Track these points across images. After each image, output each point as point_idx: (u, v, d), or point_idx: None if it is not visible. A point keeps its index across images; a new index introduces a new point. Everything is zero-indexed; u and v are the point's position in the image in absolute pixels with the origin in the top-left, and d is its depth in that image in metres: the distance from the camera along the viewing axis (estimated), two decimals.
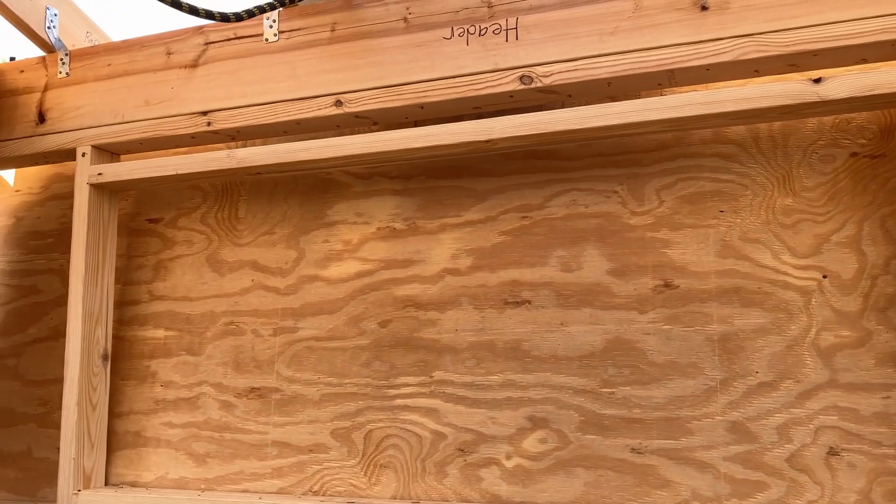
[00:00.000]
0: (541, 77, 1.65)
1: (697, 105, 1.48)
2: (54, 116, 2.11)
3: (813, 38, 1.44)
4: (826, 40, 1.43)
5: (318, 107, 1.83)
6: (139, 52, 2.04)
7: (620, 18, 1.60)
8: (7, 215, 2.34)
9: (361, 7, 1.85)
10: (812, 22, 1.44)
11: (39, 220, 2.32)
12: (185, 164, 1.91)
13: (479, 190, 1.85)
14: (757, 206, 1.62)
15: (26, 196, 2.35)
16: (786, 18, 1.46)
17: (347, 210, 1.96)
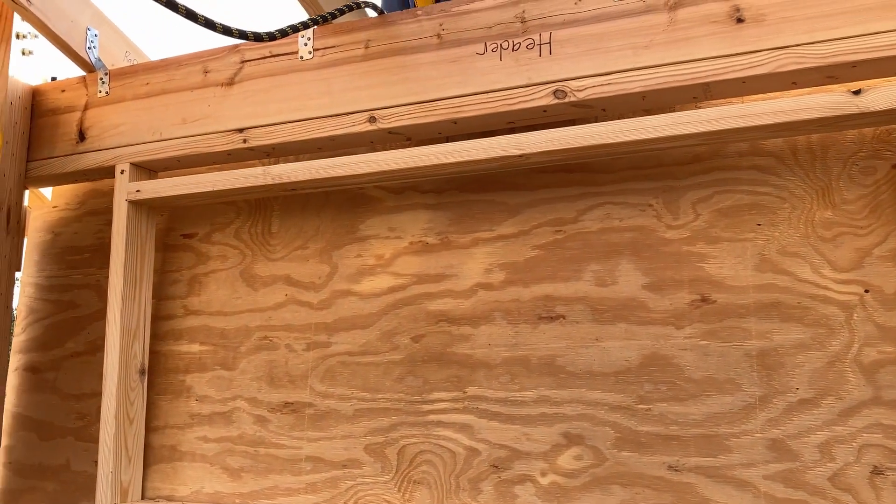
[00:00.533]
0: (574, 91, 1.65)
1: (734, 118, 1.46)
2: (94, 134, 2.15)
3: (852, 50, 1.42)
4: (865, 51, 1.41)
5: (353, 123, 1.85)
6: (176, 70, 2.08)
7: (655, 32, 1.60)
8: (45, 231, 2.38)
9: (395, 24, 1.86)
10: (851, 33, 1.42)
11: (76, 236, 2.35)
12: (221, 180, 1.93)
13: (512, 204, 1.84)
14: (796, 220, 1.60)
15: (63, 212, 2.39)
16: (824, 30, 1.45)
17: (380, 225, 1.97)
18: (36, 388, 2.30)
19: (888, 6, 1.42)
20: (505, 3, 1.76)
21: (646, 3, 1.62)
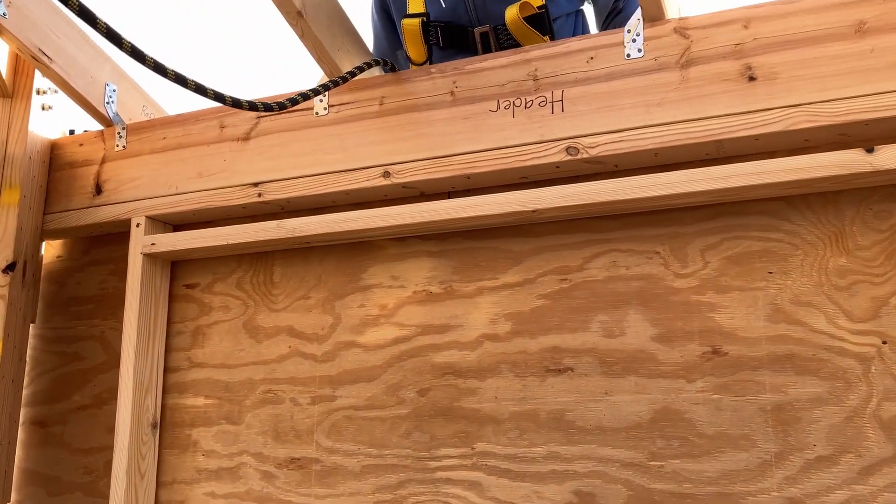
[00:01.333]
0: (587, 148, 1.67)
1: (748, 175, 1.48)
2: (111, 188, 2.18)
3: (864, 109, 1.44)
4: (877, 110, 1.43)
5: (367, 178, 1.87)
6: (193, 125, 2.11)
7: (667, 90, 1.62)
8: (49, 281, 2.38)
9: (409, 81, 1.90)
10: (862, 92, 1.45)
11: (80, 287, 2.35)
12: (236, 234, 1.95)
13: (516, 251, 1.83)
14: (808, 267, 1.57)
15: (67, 262, 2.39)
16: (836, 89, 1.47)
17: (383, 273, 1.95)
18: (43, 442, 2.28)
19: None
20: (517, 61, 1.80)
21: (657, 62, 1.65)
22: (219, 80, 5.40)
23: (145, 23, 5.10)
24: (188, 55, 5.70)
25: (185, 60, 5.35)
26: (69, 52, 2.12)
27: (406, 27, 2.11)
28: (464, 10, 2.13)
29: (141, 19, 5.08)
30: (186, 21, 5.14)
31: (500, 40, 2.09)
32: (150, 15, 5.15)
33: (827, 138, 1.52)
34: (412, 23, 2.09)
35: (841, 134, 1.50)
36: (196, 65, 6.19)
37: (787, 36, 1.54)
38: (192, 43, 5.29)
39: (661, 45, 1.65)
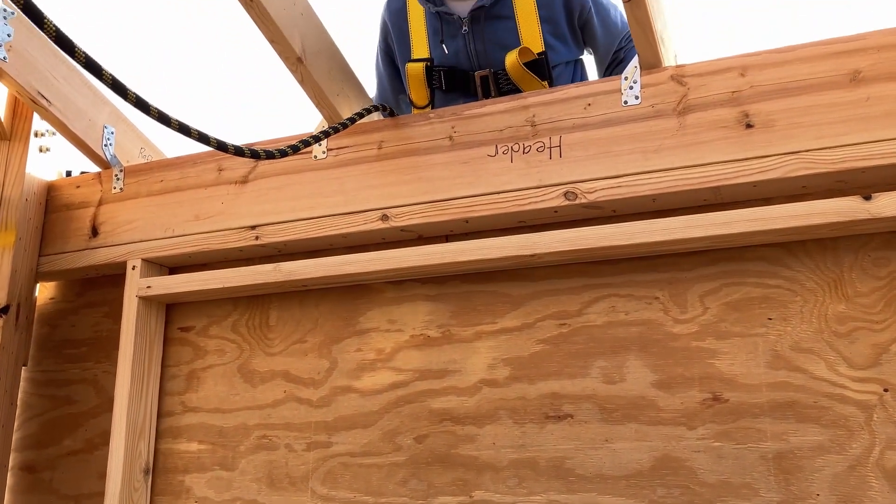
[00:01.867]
0: (585, 193, 1.67)
1: (746, 222, 1.49)
2: (107, 230, 2.17)
3: (860, 156, 1.45)
4: (873, 158, 1.44)
5: (365, 221, 1.87)
6: (191, 168, 2.11)
7: (664, 136, 1.64)
8: (41, 323, 2.36)
9: (408, 126, 1.91)
10: (859, 140, 1.46)
11: (74, 329, 2.33)
12: (232, 277, 1.94)
13: (514, 295, 1.82)
14: (808, 313, 1.56)
15: (60, 304, 2.37)
16: (832, 136, 1.49)
17: (380, 317, 1.94)
18: (32, 488, 2.23)
19: (893, 114, 1.46)
20: (515, 107, 1.81)
21: (654, 109, 1.67)
22: (219, 81, 5.42)
23: (144, 24, 5.12)
24: (188, 57, 5.72)
25: (184, 61, 5.37)
26: (68, 95, 2.13)
27: (410, 71, 2.17)
28: (465, 56, 2.17)
29: (140, 20, 5.11)
30: (186, 22, 5.17)
31: (499, 85, 2.13)
32: (149, 16, 5.18)
33: (824, 185, 1.53)
34: (416, 67, 2.15)
35: (838, 181, 1.51)
36: (196, 66, 6.21)
37: (784, 84, 1.56)
38: (192, 44, 5.32)
39: (659, 93, 1.67)
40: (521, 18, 2.12)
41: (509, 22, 2.13)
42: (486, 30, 2.14)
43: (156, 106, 1.18)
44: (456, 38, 2.17)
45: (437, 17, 2.18)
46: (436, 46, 2.18)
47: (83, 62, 1.04)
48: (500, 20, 2.14)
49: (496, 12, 2.14)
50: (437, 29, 2.18)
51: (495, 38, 2.14)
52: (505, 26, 2.13)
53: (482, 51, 2.15)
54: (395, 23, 2.28)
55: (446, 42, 2.17)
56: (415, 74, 2.16)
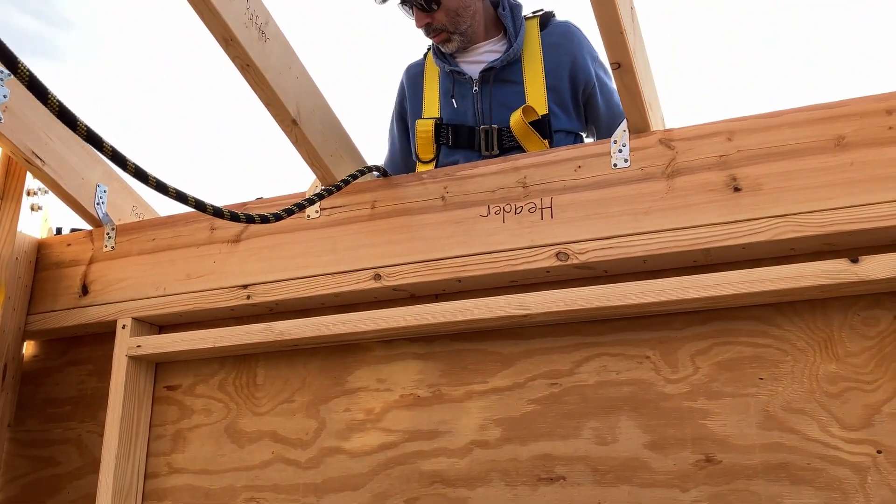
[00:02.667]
0: (577, 254, 1.69)
1: (737, 283, 1.50)
2: (97, 289, 2.16)
3: (847, 220, 1.48)
4: (860, 221, 1.47)
5: (357, 280, 1.87)
6: (184, 227, 2.12)
7: (653, 199, 1.66)
8: (26, 382, 2.32)
9: (401, 186, 1.93)
10: (846, 203, 1.49)
11: (58, 387, 2.29)
12: (224, 337, 1.93)
13: (505, 354, 1.80)
14: (799, 373, 1.56)
15: (45, 362, 2.33)
16: (819, 200, 1.51)
17: (369, 376, 1.92)
18: None
19: (877, 179, 1.50)
20: (506, 168, 1.84)
21: (644, 171, 1.70)
22: (219, 84, 5.46)
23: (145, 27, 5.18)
24: (189, 59, 5.78)
25: (185, 63, 5.43)
26: (62, 154, 2.14)
27: (419, 127, 2.27)
28: (472, 115, 2.26)
29: (141, 23, 5.16)
30: (186, 25, 5.26)
31: (502, 141, 2.20)
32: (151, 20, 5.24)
33: (813, 247, 1.56)
34: (426, 123, 2.26)
35: (826, 243, 1.53)
36: (197, 68, 6.26)
37: (770, 148, 1.60)
38: (193, 46, 5.38)
39: (647, 156, 1.70)
40: (529, 83, 2.21)
41: (517, 86, 2.23)
42: (495, 91, 2.24)
43: (154, 175, 1.19)
44: (466, 97, 2.27)
45: (450, 76, 2.29)
46: (446, 106, 2.28)
47: (84, 135, 1.05)
48: (508, 84, 2.24)
49: (505, 76, 2.24)
50: (448, 88, 2.29)
51: (502, 99, 2.22)
52: (512, 90, 2.23)
53: (488, 111, 2.23)
54: (412, 85, 2.40)
55: (456, 99, 2.27)
56: (423, 130, 2.26)
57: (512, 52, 2.24)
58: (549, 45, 2.25)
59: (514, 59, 2.25)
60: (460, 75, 2.28)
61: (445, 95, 2.30)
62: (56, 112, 1.02)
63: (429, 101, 2.34)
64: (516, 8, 2.33)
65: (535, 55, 2.24)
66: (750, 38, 5.70)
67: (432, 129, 2.25)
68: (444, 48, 2.30)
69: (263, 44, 1.74)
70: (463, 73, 2.28)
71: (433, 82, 2.36)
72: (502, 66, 2.24)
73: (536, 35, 2.26)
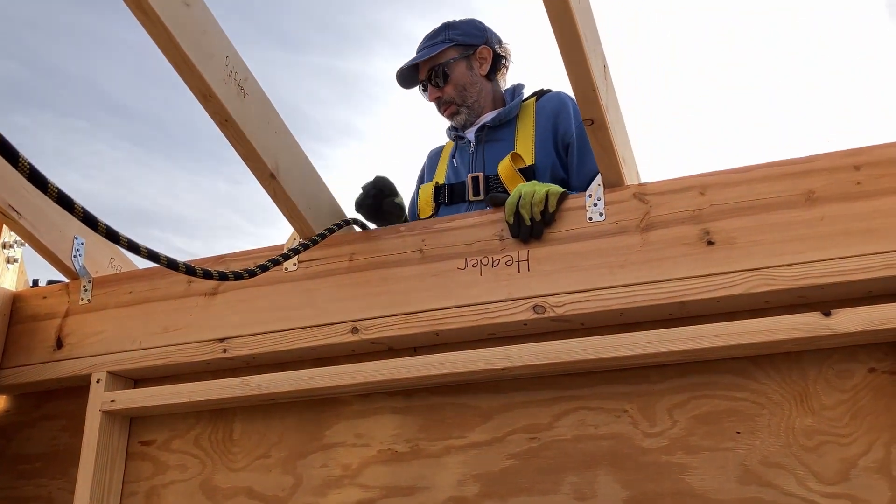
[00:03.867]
0: (553, 307, 1.69)
1: (713, 337, 1.51)
2: (72, 342, 2.14)
3: (819, 273, 1.50)
4: (831, 275, 1.49)
5: (335, 333, 1.87)
6: (161, 280, 2.11)
7: (629, 252, 1.67)
8: None
9: (379, 239, 1.94)
10: (816, 258, 1.51)
11: (29, 443, 2.24)
12: (199, 391, 1.91)
13: (483, 408, 1.79)
14: (776, 427, 1.56)
15: (16, 416, 2.29)
16: (791, 254, 1.53)
17: (346, 431, 1.89)
18: None
19: (847, 233, 1.52)
20: (484, 221, 1.85)
21: (619, 225, 1.71)
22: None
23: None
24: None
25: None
26: (39, 207, 2.13)
27: (422, 192, 2.45)
28: (466, 172, 2.40)
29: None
30: None
31: (489, 187, 2.30)
32: None
33: (786, 300, 1.57)
34: (427, 187, 2.45)
35: (799, 296, 1.55)
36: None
37: (742, 203, 1.62)
38: None
39: (622, 210, 1.72)
40: (519, 139, 2.36)
41: (508, 143, 2.37)
42: (486, 148, 2.39)
43: (125, 235, 1.19)
44: (464, 157, 2.45)
45: (456, 144, 2.51)
46: (450, 171, 2.46)
47: (55, 198, 1.05)
48: (501, 142, 2.39)
49: (499, 136, 2.40)
50: (454, 155, 2.49)
51: (493, 155, 2.36)
52: (503, 147, 2.37)
53: (480, 163, 2.38)
54: (430, 165, 2.62)
55: (456, 159, 2.45)
56: (425, 193, 2.43)
57: (504, 111, 2.41)
58: (540, 108, 2.41)
59: (508, 120, 2.41)
60: (462, 140, 2.47)
61: (451, 162, 2.48)
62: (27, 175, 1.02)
63: (438, 172, 2.52)
64: (518, 86, 2.52)
65: (528, 119, 2.40)
66: (750, 37, 5.84)
67: (432, 190, 2.41)
68: (454, 121, 2.49)
69: (242, 99, 1.75)
70: (463, 137, 2.47)
71: (445, 157, 2.56)
72: (495, 125, 2.40)
73: (532, 105, 2.44)
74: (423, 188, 2.45)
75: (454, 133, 2.51)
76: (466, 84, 2.44)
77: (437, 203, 2.40)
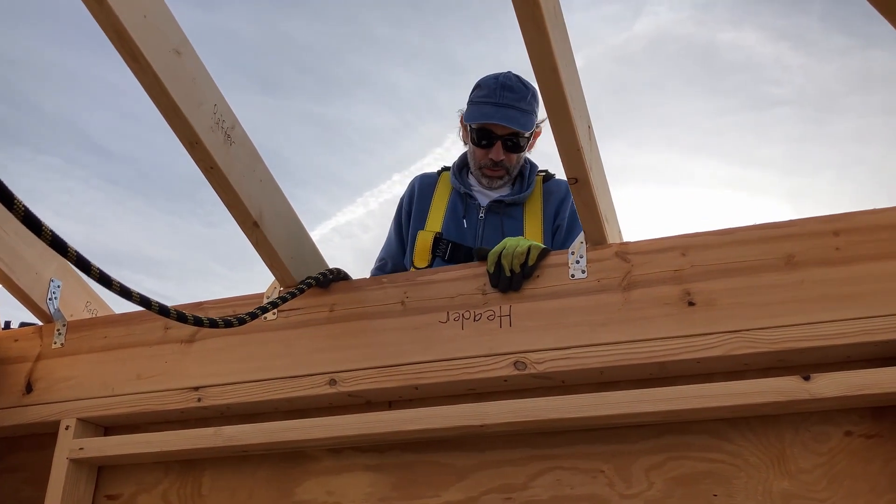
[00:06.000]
0: (534, 364, 1.69)
1: (691, 398, 1.51)
2: (42, 387, 2.09)
3: (798, 337, 1.51)
4: (810, 339, 1.50)
5: (312, 385, 1.84)
6: (137, 325, 2.08)
7: (610, 310, 1.68)
8: None
9: (361, 289, 1.93)
10: (795, 321, 1.52)
11: None
12: (171, 441, 1.86)
13: (458, 466, 1.75)
14: (753, 490, 1.54)
15: None
16: (771, 317, 1.54)
17: (317, 488, 1.83)
18: None
19: (826, 298, 1.53)
20: (467, 275, 1.85)
21: (600, 283, 1.72)
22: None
23: None
24: None
25: None
26: (16, 249, 2.10)
27: (420, 237, 2.42)
28: (472, 236, 2.42)
29: None
30: None
31: None
32: None
33: (765, 363, 1.57)
34: (426, 235, 2.41)
35: (778, 359, 1.55)
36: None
37: (724, 265, 1.63)
38: None
39: (604, 268, 1.73)
40: (528, 222, 2.40)
41: (517, 222, 2.41)
42: (497, 221, 2.41)
43: (118, 280, 1.17)
44: (471, 220, 2.44)
45: (463, 199, 2.48)
46: (450, 222, 2.45)
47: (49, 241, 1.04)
48: (510, 218, 2.42)
49: (510, 212, 2.43)
50: (458, 208, 2.46)
51: (503, 229, 2.38)
52: (513, 224, 2.40)
53: (489, 237, 2.38)
54: (422, 195, 2.56)
55: (466, 219, 2.44)
56: (423, 241, 2.40)
57: (522, 195, 2.44)
58: (547, 194, 2.46)
59: (521, 202, 2.45)
60: (471, 199, 2.46)
61: (452, 213, 2.46)
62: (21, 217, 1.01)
63: (433, 215, 2.48)
64: (534, 167, 2.54)
65: (536, 202, 2.45)
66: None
67: (431, 241, 2.39)
68: (493, 185, 2.46)
69: (229, 147, 1.76)
70: (474, 199, 2.47)
71: (442, 198, 2.52)
72: (510, 203, 2.43)
73: (539, 186, 2.48)
74: (422, 235, 2.42)
75: (462, 189, 2.46)
76: (521, 161, 2.47)
77: (435, 255, 2.38)
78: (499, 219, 2.41)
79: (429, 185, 2.58)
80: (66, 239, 1.13)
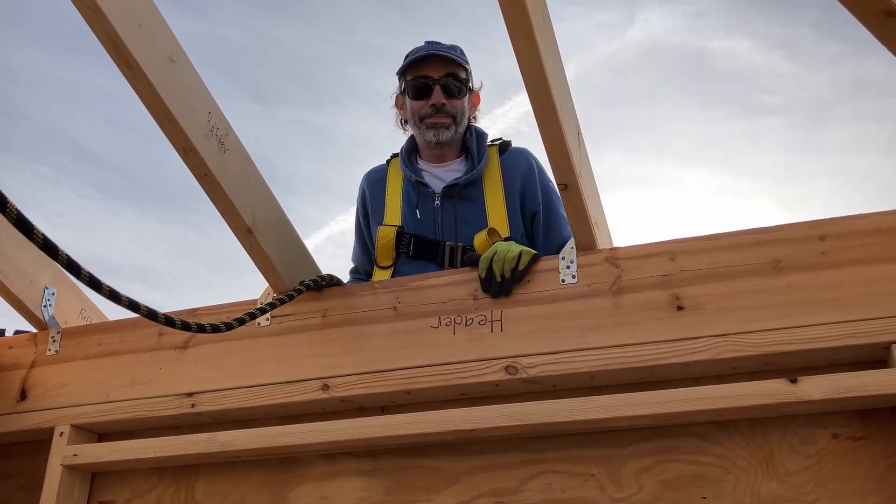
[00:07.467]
0: (525, 368, 1.70)
1: (680, 402, 1.52)
2: (37, 394, 2.10)
3: (785, 341, 1.53)
4: (797, 343, 1.52)
5: (305, 390, 1.85)
6: (131, 332, 2.09)
7: (600, 315, 1.69)
8: None
9: (353, 295, 1.94)
10: (782, 325, 1.54)
11: None
12: (165, 447, 1.87)
13: (450, 470, 1.76)
14: (741, 492, 1.55)
15: None
16: (758, 321, 1.56)
17: (311, 493, 1.84)
18: None
19: (813, 302, 1.55)
20: (458, 280, 1.87)
21: (591, 288, 1.74)
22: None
23: None
24: None
25: None
26: (10, 255, 2.11)
27: (381, 234, 2.32)
28: (432, 227, 2.31)
29: None
30: None
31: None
32: None
33: (752, 366, 1.59)
34: (387, 231, 2.31)
35: (766, 363, 1.57)
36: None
37: (711, 269, 1.65)
38: None
39: (594, 273, 1.75)
40: (490, 205, 2.30)
41: (478, 205, 2.31)
42: (457, 207, 2.31)
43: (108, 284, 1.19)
44: (427, 209, 2.33)
45: (415, 187, 2.36)
46: (407, 214, 2.34)
47: (41, 244, 1.06)
48: (469, 202, 2.32)
49: (467, 194, 2.32)
50: (411, 197, 2.35)
51: (464, 216, 2.30)
52: (473, 208, 2.31)
53: (452, 227, 2.29)
54: (374, 191, 2.46)
55: (420, 210, 2.33)
56: (384, 237, 2.30)
57: (475, 172, 2.33)
58: (506, 169, 2.35)
59: (476, 179, 2.34)
60: (424, 187, 2.35)
61: (408, 204, 2.36)
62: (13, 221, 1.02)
63: (391, 208, 2.39)
64: (482, 136, 2.44)
65: (494, 178, 2.34)
66: None
67: (393, 236, 2.30)
68: (438, 135, 2.34)
69: (223, 155, 1.77)
70: (427, 186, 2.36)
71: (396, 189, 2.42)
72: (465, 184, 2.32)
73: (496, 160, 2.38)
74: (383, 231, 2.32)
75: (413, 177, 2.37)
76: (467, 109, 2.39)
77: (399, 251, 2.30)
78: (459, 204, 2.31)
79: (379, 180, 2.49)
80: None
